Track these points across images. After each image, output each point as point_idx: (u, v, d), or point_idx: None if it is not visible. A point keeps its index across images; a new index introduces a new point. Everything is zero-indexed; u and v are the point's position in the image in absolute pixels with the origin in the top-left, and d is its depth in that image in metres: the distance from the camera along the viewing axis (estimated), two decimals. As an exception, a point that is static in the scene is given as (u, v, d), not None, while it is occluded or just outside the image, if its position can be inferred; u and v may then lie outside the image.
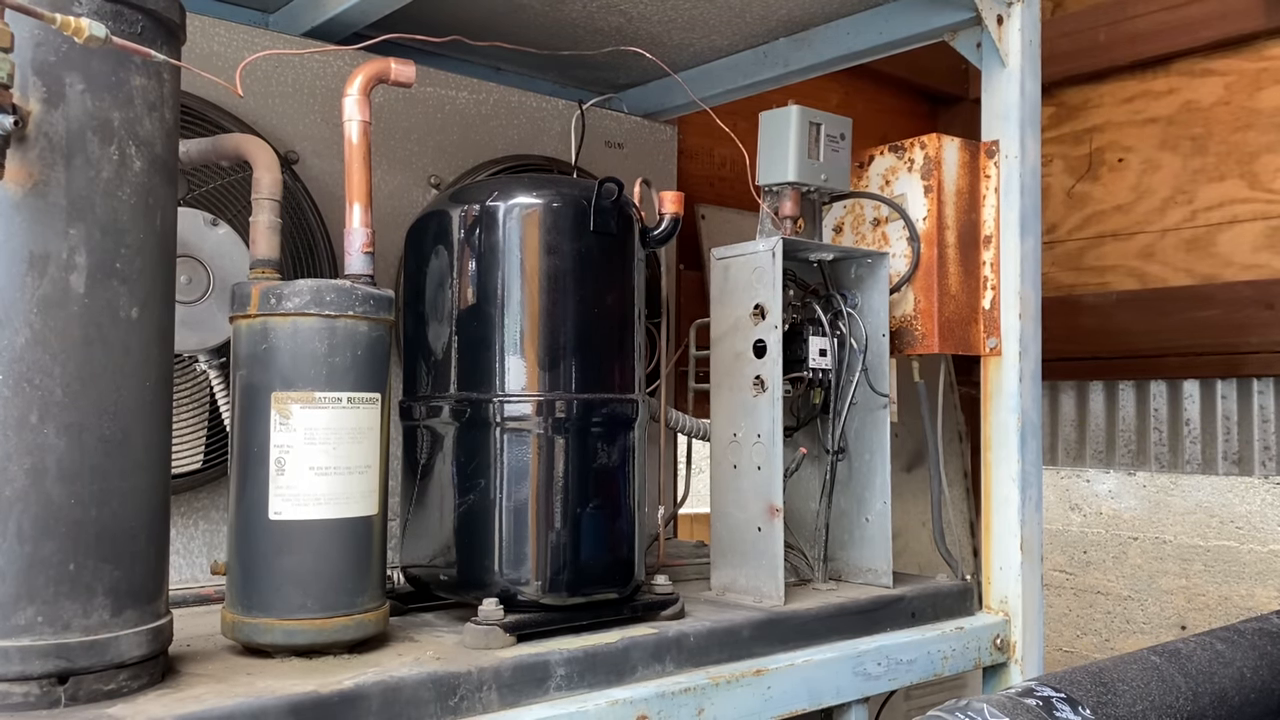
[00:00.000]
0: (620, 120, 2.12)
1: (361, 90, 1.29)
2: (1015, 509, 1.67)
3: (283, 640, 1.15)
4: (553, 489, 1.31)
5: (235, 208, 1.54)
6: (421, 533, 1.38)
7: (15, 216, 0.97)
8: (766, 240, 1.51)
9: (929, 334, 1.67)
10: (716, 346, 1.58)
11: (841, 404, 1.62)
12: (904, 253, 1.70)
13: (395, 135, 1.78)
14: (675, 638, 1.32)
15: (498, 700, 1.15)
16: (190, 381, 1.52)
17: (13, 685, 0.95)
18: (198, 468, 1.54)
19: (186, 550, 1.56)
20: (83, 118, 0.99)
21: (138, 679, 1.03)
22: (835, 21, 1.89)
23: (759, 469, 1.50)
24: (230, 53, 1.60)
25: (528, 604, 1.30)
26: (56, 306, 0.98)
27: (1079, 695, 1.07)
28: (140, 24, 1.04)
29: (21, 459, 0.97)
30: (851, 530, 1.67)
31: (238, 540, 1.18)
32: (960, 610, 1.66)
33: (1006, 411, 1.68)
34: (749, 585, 1.51)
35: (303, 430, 1.16)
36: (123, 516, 1.02)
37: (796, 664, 1.38)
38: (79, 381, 0.99)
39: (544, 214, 1.34)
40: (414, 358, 1.42)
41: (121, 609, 1.01)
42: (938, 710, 1.05)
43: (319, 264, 1.64)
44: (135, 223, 1.03)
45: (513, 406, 1.31)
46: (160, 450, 1.08)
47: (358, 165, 1.29)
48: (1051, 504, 3.08)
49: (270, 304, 1.17)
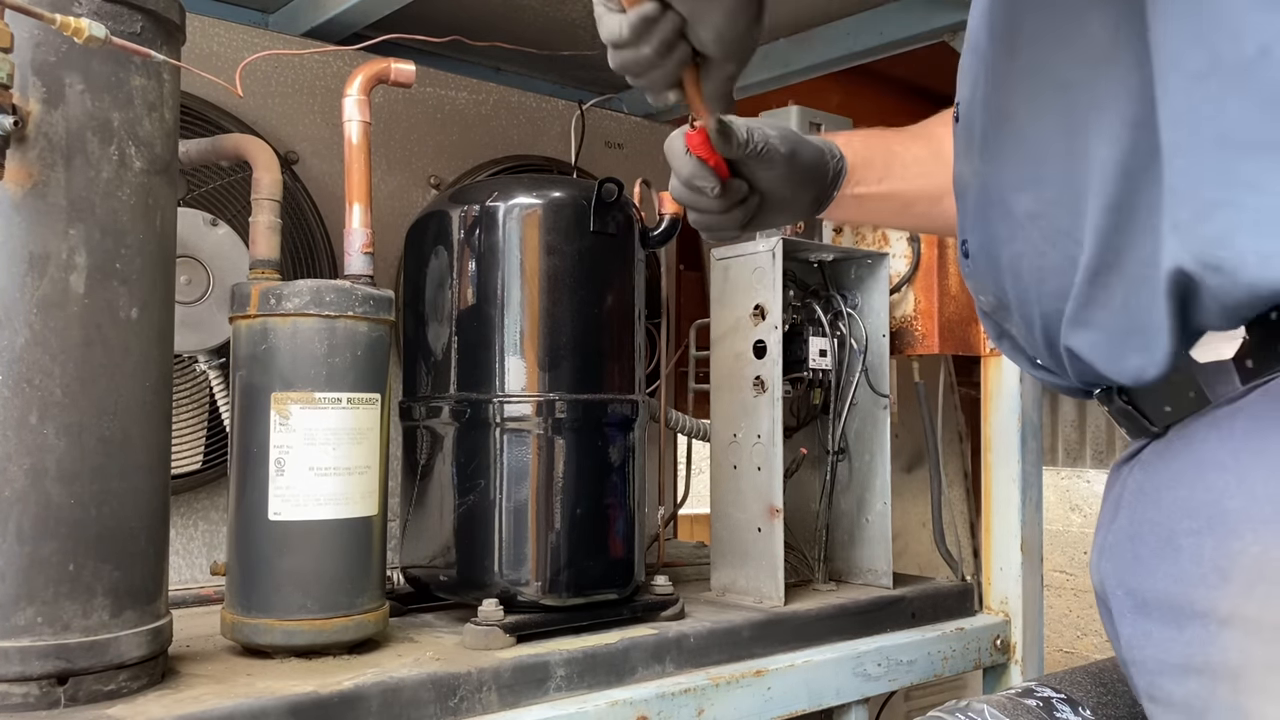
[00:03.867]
0: (620, 120, 2.12)
1: (361, 90, 1.29)
2: (1015, 509, 1.67)
3: (282, 641, 1.15)
4: (552, 489, 1.31)
5: (235, 208, 1.54)
6: (421, 533, 1.38)
7: (15, 217, 0.97)
8: (766, 240, 1.51)
9: (929, 334, 1.67)
10: (716, 347, 1.58)
11: (841, 404, 1.62)
12: (904, 253, 1.70)
13: (395, 135, 1.78)
14: (675, 638, 1.32)
15: (497, 701, 1.15)
16: (190, 382, 1.52)
17: (12, 686, 0.95)
18: (198, 468, 1.54)
19: (186, 550, 1.56)
20: (82, 118, 0.99)
21: (137, 679, 1.03)
22: (835, 21, 1.89)
23: (759, 469, 1.50)
24: (230, 53, 1.60)
25: (527, 605, 1.30)
26: (56, 307, 0.98)
27: (1079, 696, 1.06)
28: (140, 24, 1.04)
29: (21, 459, 0.97)
30: (851, 531, 1.67)
31: (237, 541, 1.18)
32: (960, 611, 1.66)
33: (1007, 412, 1.68)
34: (749, 586, 1.51)
35: (302, 431, 1.16)
36: (122, 517, 1.02)
37: (796, 664, 1.38)
38: (79, 382, 0.99)
39: (544, 214, 1.34)
40: (414, 358, 1.42)
41: (121, 609, 1.01)
42: (938, 711, 1.05)
43: (319, 264, 1.64)
44: (135, 223, 1.03)
45: (512, 407, 1.31)
46: (160, 450, 1.08)
47: (358, 165, 1.29)
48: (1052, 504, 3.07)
49: (270, 304, 1.17)
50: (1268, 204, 0.65)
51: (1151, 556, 0.74)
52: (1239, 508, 0.69)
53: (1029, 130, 0.82)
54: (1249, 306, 0.68)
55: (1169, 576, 0.73)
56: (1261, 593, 0.67)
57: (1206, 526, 0.71)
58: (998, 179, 0.85)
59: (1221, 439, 0.72)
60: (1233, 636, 0.69)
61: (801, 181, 1.05)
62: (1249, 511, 0.68)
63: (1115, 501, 0.82)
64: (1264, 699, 0.67)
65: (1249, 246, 0.66)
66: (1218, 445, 0.72)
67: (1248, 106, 0.66)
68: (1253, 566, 0.67)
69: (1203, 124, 0.68)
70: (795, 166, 1.03)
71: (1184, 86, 0.69)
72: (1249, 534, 0.68)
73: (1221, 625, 0.69)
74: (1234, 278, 0.67)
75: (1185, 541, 0.72)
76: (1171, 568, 0.73)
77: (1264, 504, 0.67)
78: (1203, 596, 0.70)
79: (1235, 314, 0.69)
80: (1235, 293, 0.67)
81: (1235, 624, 0.69)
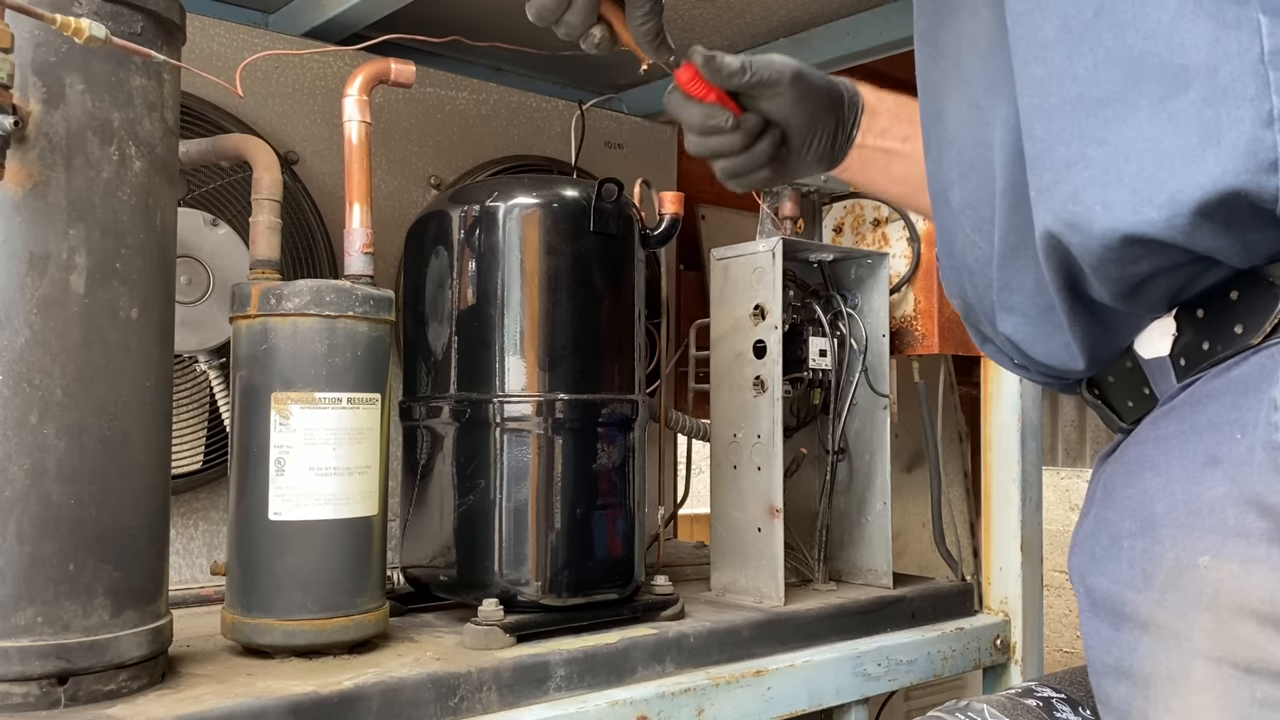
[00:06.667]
0: (620, 120, 2.13)
1: (361, 90, 1.29)
2: (1015, 509, 1.67)
3: (283, 641, 1.15)
4: (552, 489, 1.31)
5: (235, 208, 1.54)
6: (421, 533, 1.38)
7: (15, 217, 0.97)
8: (766, 241, 1.51)
9: (929, 334, 1.67)
10: (716, 347, 1.58)
11: (841, 404, 1.62)
12: (904, 253, 1.70)
13: (395, 135, 1.78)
14: (675, 638, 1.32)
15: (497, 701, 1.15)
16: (190, 382, 1.52)
17: (12, 686, 0.95)
18: (198, 468, 1.54)
19: (186, 550, 1.56)
20: (83, 118, 0.99)
21: (138, 679, 1.03)
22: (835, 21, 1.89)
23: (759, 469, 1.50)
24: (230, 53, 1.60)
25: (527, 604, 1.30)
26: (56, 307, 0.98)
27: (1079, 695, 1.07)
28: (140, 24, 1.04)
29: (21, 459, 0.97)
30: (851, 530, 1.67)
31: (238, 541, 1.18)
32: (960, 611, 1.66)
33: (1007, 412, 1.68)
34: (749, 586, 1.51)
35: (302, 431, 1.16)
36: (123, 517, 1.02)
37: (796, 664, 1.38)
38: (79, 382, 0.99)
39: (544, 214, 1.34)
40: (414, 358, 1.42)
41: (121, 609, 1.01)
42: (938, 711, 1.06)
43: (319, 264, 1.64)
44: (135, 223, 1.03)
45: (513, 407, 1.31)
46: (160, 450, 1.08)
47: (358, 165, 1.29)
48: (1052, 504, 3.08)
49: (270, 304, 1.17)
50: (1111, 155, 0.66)
51: (1103, 555, 0.74)
52: (1163, 511, 0.69)
53: (951, 126, 0.85)
54: (1114, 264, 0.68)
55: (1111, 576, 0.73)
56: (1171, 600, 0.67)
57: (1140, 529, 0.70)
58: (939, 177, 0.87)
59: (1157, 440, 0.72)
60: (1148, 643, 0.68)
61: (817, 107, 1.01)
62: (1170, 516, 0.68)
63: (1090, 497, 0.82)
64: (1163, 711, 0.67)
65: (1097, 198, 0.67)
66: (1153, 447, 0.72)
67: (1093, 64, 0.67)
68: (1169, 573, 0.67)
69: (1055, 87, 0.70)
70: (805, 89, 0.99)
71: (1039, 54, 0.71)
72: (1168, 539, 0.68)
73: (1143, 630, 0.69)
74: (1088, 232, 0.68)
75: (1126, 543, 0.72)
76: (1114, 567, 0.72)
77: (1180, 509, 0.67)
78: (1131, 599, 0.70)
79: (1105, 274, 0.69)
80: (1092, 246, 0.68)
81: (1151, 630, 0.68)
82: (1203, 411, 0.68)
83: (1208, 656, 0.64)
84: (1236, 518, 0.63)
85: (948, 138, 0.85)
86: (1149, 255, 0.67)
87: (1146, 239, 0.65)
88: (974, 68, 0.81)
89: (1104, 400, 0.82)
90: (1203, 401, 0.69)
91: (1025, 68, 0.72)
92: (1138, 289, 0.70)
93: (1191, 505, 0.66)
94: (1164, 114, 0.64)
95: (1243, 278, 0.68)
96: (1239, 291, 0.68)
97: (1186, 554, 0.66)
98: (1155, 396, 0.76)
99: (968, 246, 0.83)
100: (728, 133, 0.98)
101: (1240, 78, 0.61)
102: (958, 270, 0.86)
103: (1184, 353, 0.72)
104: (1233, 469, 0.64)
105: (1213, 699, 0.64)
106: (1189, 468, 0.67)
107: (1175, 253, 0.66)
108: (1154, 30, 0.64)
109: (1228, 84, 0.61)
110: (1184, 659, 0.65)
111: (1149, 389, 0.77)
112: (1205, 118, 0.62)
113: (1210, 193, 0.62)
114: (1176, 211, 0.63)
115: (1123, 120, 0.66)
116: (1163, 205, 0.63)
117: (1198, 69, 0.62)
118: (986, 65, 0.79)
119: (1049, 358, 0.80)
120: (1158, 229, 0.64)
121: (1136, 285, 0.70)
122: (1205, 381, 0.70)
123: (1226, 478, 0.65)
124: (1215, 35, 0.62)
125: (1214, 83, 0.62)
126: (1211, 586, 0.64)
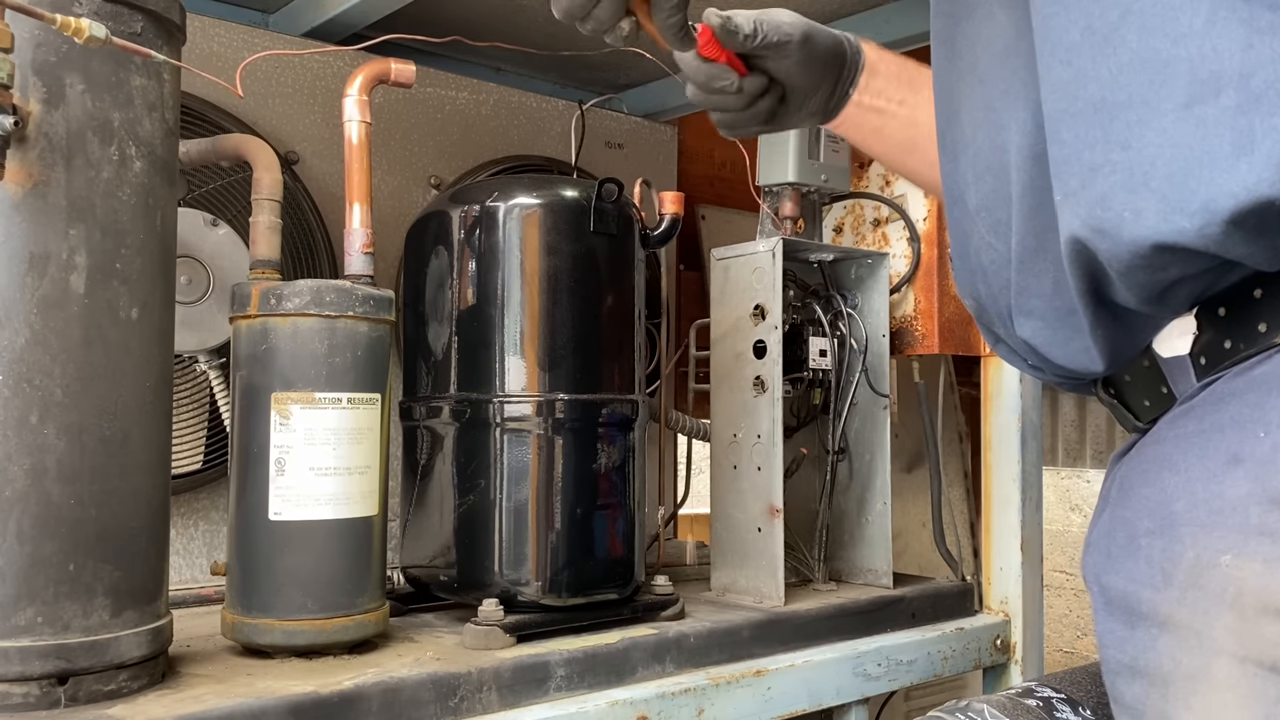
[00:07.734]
0: (620, 120, 2.13)
1: (361, 90, 1.29)
2: (1015, 509, 1.67)
3: (283, 641, 1.15)
4: (552, 489, 1.31)
5: (235, 208, 1.54)
6: (421, 533, 1.38)
7: (15, 217, 0.97)
8: (766, 241, 1.51)
9: (929, 334, 1.67)
10: (716, 347, 1.58)
11: (841, 404, 1.62)
12: (904, 253, 1.70)
13: (395, 135, 1.78)
14: (675, 638, 1.32)
15: (498, 701, 1.15)
16: (190, 382, 1.52)
17: (12, 686, 0.95)
18: (198, 468, 1.54)
19: (186, 550, 1.56)
20: (83, 118, 0.99)
21: (138, 679, 1.03)
22: (835, 22, 1.89)
23: (759, 469, 1.50)
24: (230, 53, 1.60)
25: (528, 604, 1.30)
26: (56, 307, 0.98)
27: (1079, 695, 1.07)
28: (140, 24, 1.04)
29: (21, 459, 0.97)
30: (851, 530, 1.67)
31: (238, 541, 1.18)
32: (960, 611, 1.66)
33: (1007, 412, 1.68)
34: (749, 586, 1.51)
35: (303, 431, 1.16)
36: (123, 517, 1.02)
37: (796, 664, 1.38)
38: (79, 382, 0.99)
39: (544, 214, 1.34)
40: (414, 358, 1.42)
41: (121, 609, 1.01)
42: (938, 711, 1.05)
43: (319, 264, 1.64)
44: (135, 223, 1.03)
45: (513, 407, 1.31)
46: (160, 450, 1.08)
47: (358, 165, 1.29)
48: (1052, 504, 3.08)
49: (270, 304, 1.17)
50: (1135, 160, 0.66)
51: (1120, 554, 0.74)
52: (1182, 510, 0.68)
53: (968, 128, 0.85)
54: (1143, 270, 0.68)
55: (1127, 575, 0.73)
56: (1192, 599, 0.66)
57: (1159, 528, 0.70)
58: (955, 179, 0.87)
59: (1176, 439, 0.72)
60: (1167, 641, 0.68)
61: (821, 67, 1.02)
62: (1190, 515, 0.68)
63: (1104, 497, 0.82)
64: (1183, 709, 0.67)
65: (1125, 204, 0.67)
66: (1172, 446, 0.72)
67: (1117, 67, 0.67)
68: (1189, 572, 0.67)
69: (1080, 90, 0.69)
70: (811, 51, 1.00)
71: (1064, 58, 0.70)
72: (1188, 538, 0.67)
73: (1161, 629, 0.69)
74: (1117, 239, 0.67)
75: (1144, 541, 0.72)
76: (1131, 566, 0.72)
77: (1201, 508, 0.67)
78: (1149, 598, 0.70)
79: (1133, 280, 0.69)
80: (1121, 253, 0.68)
81: (1170, 628, 0.68)
82: (1224, 410, 0.68)
83: (1231, 655, 0.64)
84: (1259, 516, 0.63)
85: (964, 140, 0.85)
86: (1178, 262, 0.66)
87: (1178, 247, 0.65)
88: (989, 70, 0.81)
89: (1120, 399, 0.81)
90: (1224, 400, 0.69)
91: (1050, 71, 0.72)
92: (1165, 293, 0.70)
93: (1213, 504, 0.66)
94: (1191, 119, 0.63)
95: (1266, 276, 0.68)
96: (1263, 290, 0.68)
97: (1208, 553, 0.66)
98: (1173, 395, 0.76)
99: (983, 248, 0.83)
100: (732, 94, 0.98)
101: (1274, 84, 0.60)
102: (971, 272, 0.86)
103: (1204, 351, 0.72)
104: (1256, 467, 0.64)
105: (1236, 697, 0.64)
106: (1210, 466, 0.67)
107: (1205, 259, 0.66)
108: (1184, 35, 0.63)
109: (1261, 91, 0.61)
110: (1205, 657, 0.65)
111: (1167, 388, 0.76)
112: (1238, 125, 0.61)
113: (1244, 202, 0.61)
114: (1209, 220, 0.63)
115: (1145, 124, 0.65)
116: (1195, 214, 0.63)
117: (1230, 75, 0.62)
118: (1002, 68, 0.79)
119: (1068, 360, 0.80)
120: (1189, 238, 0.64)
121: (1164, 290, 0.69)
122: (1227, 380, 0.69)
123: (1249, 476, 0.64)
124: (1249, 41, 0.61)
125: (1247, 89, 0.61)
126: (1234, 585, 0.64)
